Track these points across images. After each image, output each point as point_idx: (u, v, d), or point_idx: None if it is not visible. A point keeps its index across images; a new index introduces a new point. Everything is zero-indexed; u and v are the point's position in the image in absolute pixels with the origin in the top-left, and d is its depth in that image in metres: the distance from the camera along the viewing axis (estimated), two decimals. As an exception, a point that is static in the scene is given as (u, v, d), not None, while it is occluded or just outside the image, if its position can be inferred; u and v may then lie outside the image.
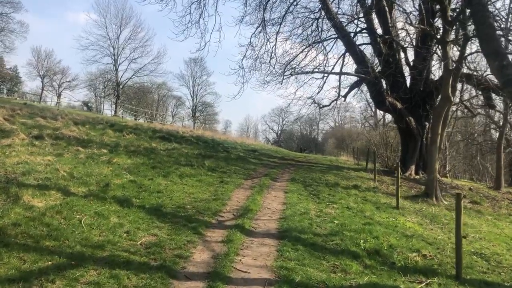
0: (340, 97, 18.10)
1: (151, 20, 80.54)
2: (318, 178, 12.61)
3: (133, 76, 46.85)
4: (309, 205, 8.05)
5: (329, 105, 19.60)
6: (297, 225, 6.37)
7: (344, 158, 30.77)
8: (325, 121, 79.75)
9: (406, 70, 18.56)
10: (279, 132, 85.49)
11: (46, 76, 60.57)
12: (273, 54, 15.65)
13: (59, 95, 60.00)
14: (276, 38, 16.09)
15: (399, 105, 17.04)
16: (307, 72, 15.33)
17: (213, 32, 16.56)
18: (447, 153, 24.16)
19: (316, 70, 15.87)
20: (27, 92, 62.33)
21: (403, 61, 18.80)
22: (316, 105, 18.78)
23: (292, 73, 14.93)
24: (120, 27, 46.19)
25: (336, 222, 6.93)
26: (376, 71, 16.50)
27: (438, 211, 10.09)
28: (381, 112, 69.62)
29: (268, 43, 16.30)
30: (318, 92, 17.86)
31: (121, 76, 46.26)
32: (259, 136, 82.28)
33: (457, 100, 17.55)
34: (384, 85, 17.44)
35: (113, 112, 44.78)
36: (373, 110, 70.45)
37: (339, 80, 17.59)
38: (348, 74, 16.88)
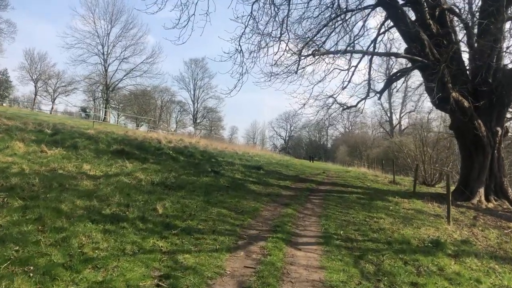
0: (373, 93, 13.14)
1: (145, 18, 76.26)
2: (366, 223, 7.32)
3: (125, 77, 42.10)
4: None
5: (355, 106, 14.65)
6: None
7: (368, 171, 25.40)
8: (334, 127, 74.85)
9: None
10: (287, 138, 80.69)
11: (39, 80, 56.11)
12: (284, 26, 10.32)
13: (53, 101, 55.46)
14: (289, 8, 10.88)
15: (466, 103, 11.79)
16: (337, 52, 10.06)
17: (199, 1, 11.20)
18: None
19: (350, 49, 10.55)
20: (20, 97, 58.33)
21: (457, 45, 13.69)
22: (338, 105, 14.03)
23: (315, 52, 9.69)
24: (111, 22, 41.73)
25: None
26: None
27: None
28: (397, 118, 64.35)
29: (277, 15, 11.11)
30: (344, 87, 12.67)
31: (112, 77, 41.55)
32: (266, 143, 77.60)
33: None
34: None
35: (113, 119, 40.06)
36: (388, 115, 65.17)
37: (369, 73, 12.46)
38: (397, 55, 11.60)
